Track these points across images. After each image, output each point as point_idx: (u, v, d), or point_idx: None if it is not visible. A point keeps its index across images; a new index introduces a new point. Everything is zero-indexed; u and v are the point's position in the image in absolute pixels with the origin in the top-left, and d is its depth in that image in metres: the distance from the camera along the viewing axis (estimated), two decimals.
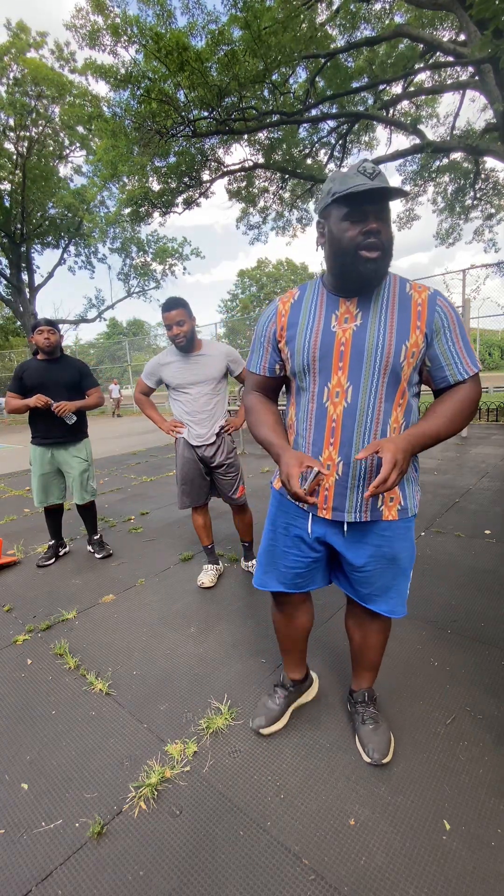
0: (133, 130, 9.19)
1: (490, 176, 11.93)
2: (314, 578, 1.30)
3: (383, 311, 1.04)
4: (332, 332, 1.05)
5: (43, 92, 16.20)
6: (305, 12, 8.66)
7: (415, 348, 1.03)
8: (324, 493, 1.13)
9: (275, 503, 1.29)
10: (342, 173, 0.98)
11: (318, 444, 1.11)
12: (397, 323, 1.03)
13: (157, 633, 2.12)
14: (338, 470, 1.09)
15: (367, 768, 1.33)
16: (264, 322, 1.19)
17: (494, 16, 4.92)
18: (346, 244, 0.99)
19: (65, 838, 1.20)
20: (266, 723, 1.45)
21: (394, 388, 1.05)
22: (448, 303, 1.07)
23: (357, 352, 1.03)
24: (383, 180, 0.96)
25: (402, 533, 1.17)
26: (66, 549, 3.28)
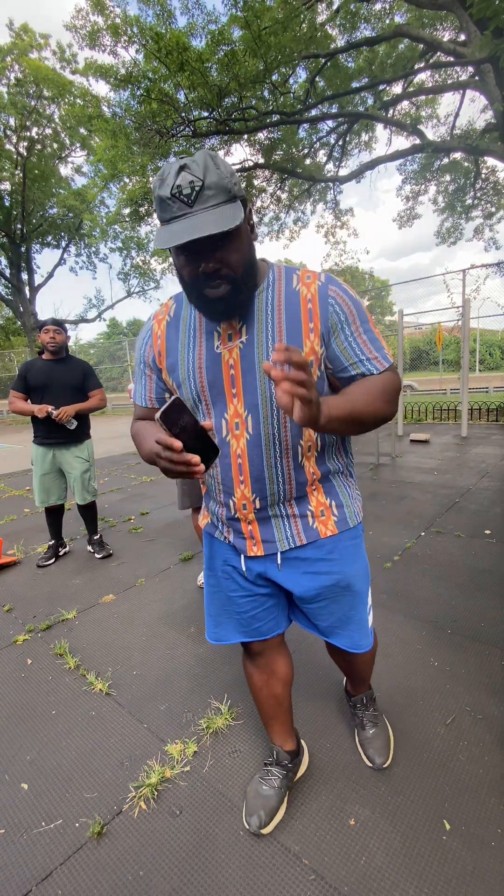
0: (133, 130, 9.19)
1: (490, 175, 11.92)
2: (276, 620, 1.13)
3: (269, 317, 0.88)
4: (217, 353, 0.90)
5: (43, 93, 16.21)
6: (305, 12, 8.66)
7: (311, 356, 0.87)
8: (248, 529, 1.00)
9: (207, 545, 1.14)
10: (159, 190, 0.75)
11: (227, 483, 0.96)
12: (287, 328, 0.87)
13: (157, 633, 2.12)
14: (255, 506, 0.96)
15: (367, 768, 1.33)
16: (140, 347, 1.02)
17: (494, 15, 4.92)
18: (187, 280, 0.83)
19: (65, 838, 1.20)
20: (265, 819, 1.17)
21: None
22: (343, 290, 0.90)
23: (248, 372, 0.88)
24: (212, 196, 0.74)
25: (351, 551, 1.04)
26: (66, 549, 3.29)
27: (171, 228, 0.74)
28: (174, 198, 0.74)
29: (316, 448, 0.95)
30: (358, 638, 1.09)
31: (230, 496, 0.97)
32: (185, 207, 0.74)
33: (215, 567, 1.12)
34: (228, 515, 1.01)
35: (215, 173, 0.74)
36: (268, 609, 1.10)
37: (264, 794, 1.21)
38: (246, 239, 0.83)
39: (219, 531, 1.08)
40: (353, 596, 1.06)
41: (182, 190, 0.73)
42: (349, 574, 1.04)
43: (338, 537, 1.02)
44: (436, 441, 6.52)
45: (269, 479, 0.93)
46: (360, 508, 1.07)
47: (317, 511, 1.00)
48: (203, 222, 0.72)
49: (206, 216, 0.73)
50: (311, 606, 1.07)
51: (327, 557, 1.02)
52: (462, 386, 7.14)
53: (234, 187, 0.77)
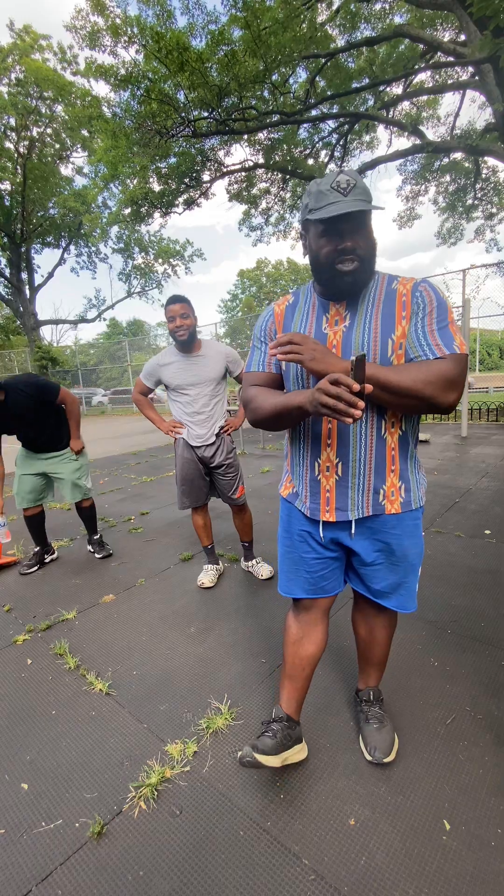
0: (133, 131, 9.19)
1: (491, 176, 11.92)
2: (336, 580, 1.28)
3: (369, 309, 1.05)
4: (324, 333, 1.08)
5: (44, 93, 16.22)
6: (305, 12, 8.66)
7: (402, 339, 1.02)
8: (325, 496, 1.14)
9: (285, 511, 1.29)
10: (318, 187, 0.99)
11: (315, 445, 1.13)
12: (382, 318, 1.04)
13: (157, 633, 2.12)
14: (337, 470, 1.11)
15: (367, 768, 1.33)
16: (262, 322, 1.21)
17: (494, 15, 4.92)
18: (322, 260, 1.02)
19: (65, 838, 1.20)
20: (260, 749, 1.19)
21: None
22: (432, 288, 1.05)
23: (347, 351, 1.05)
24: (360, 193, 0.96)
25: (410, 530, 1.17)
26: (54, 555, 3.18)
27: (328, 209, 0.95)
28: (332, 189, 0.96)
29: (400, 426, 1.09)
30: (405, 601, 1.24)
31: (317, 457, 1.13)
32: (340, 196, 0.96)
33: (292, 531, 1.26)
34: (312, 476, 1.15)
35: (363, 183, 0.99)
36: (333, 570, 1.25)
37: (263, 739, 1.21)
38: (372, 236, 1.03)
39: (300, 499, 1.21)
40: (407, 566, 1.20)
41: (340, 184, 0.96)
42: (407, 548, 1.18)
43: (401, 516, 1.14)
44: (436, 441, 6.52)
45: (353, 446, 1.07)
46: (423, 493, 1.19)
47: (388, 491, 1.12)
48: (356, 205, 0.94)
49: (357, 203, 0.94)
50: (369, 569, 1.21)
51: (391, 531, 1.15)
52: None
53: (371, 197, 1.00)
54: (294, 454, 1.22)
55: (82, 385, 20.61)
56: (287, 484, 1.29)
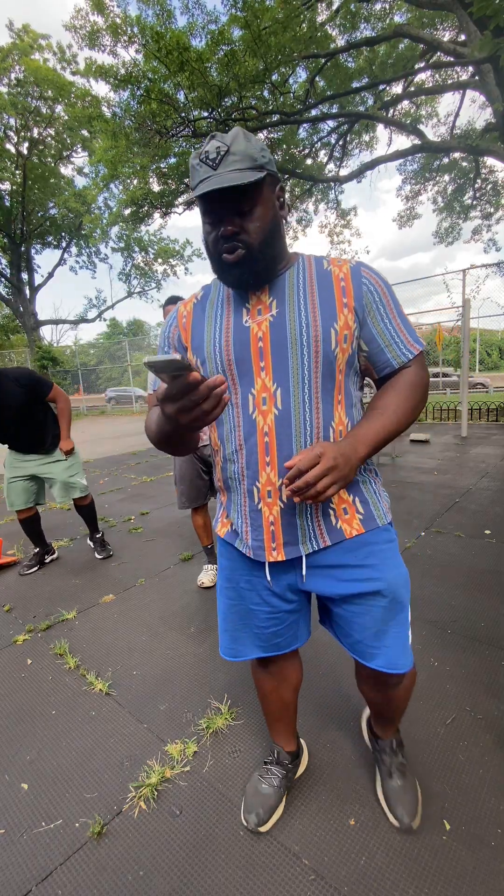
0: (133, 131, 9.19)
1: (490, 175, 11.93)
2: (297, 633, 1.08)
3: (301, 293, 0.87)
4: (246, 327, 0.88)
5: (44, 93, 16.23)
6: (305, 12, 8.66)
7: (346, 330, 0.86)
8: (269, 529, 0.92)
9: (225, 556, 1.07)
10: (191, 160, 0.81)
11: (252, 466, 0.90)
12: (320, 303, 0.86)
13: (157, 633, 2.12)
14: (281, 496, 0.89)
15: (366, 768, 1.33)
16: (165, 329, 1.01)
17: (494, 14, 4.91)
18: (209, 247, 0.86)
19: (65, 838, 1.20)
20: (264, 817, 1.17)
21: (330, 381, 0.87)
22: (375, 272, 0.91)
23: (279, 345, 0.86)
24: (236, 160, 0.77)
25: (385, 552, 0.95)
26: (55, 555, 3.17)
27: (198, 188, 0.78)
28: (201, 162, 0.78)
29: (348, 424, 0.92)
30: (395, 655, 0.96)
31: (255, 481, 0.91)
32: (209, 170, 0.78)
33: (236, 578, 1.04)
34: (252, 507, 0.93)
35: (243, 143, 0.78)
36: (290, 624, 1.05)
37: (263, 792, 1.21)
38: (269, 211, 0.83)
39: (240, 539, 0.99)
40: (391, 606, 0.95)
41: (209, 154, 0.78)
42: (389, 580, 0.94)
43: (369, 538, 0.94)
44: (436, 441, 6.52)
45: None
46: (387, 508, 0.99)
47: (339, 508, 0.92)
48: (222, 180, 0.76)
49: (227, 175, 0.76)
50: (342, 611, 0.98)
51: (363, 563, 0.93)
52: (462, 386, 7.14)
53: (261, 159, 0.79)
54: (226, 481, 0.98)
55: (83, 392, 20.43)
56: (223, 520, 1.05)
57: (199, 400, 0.64)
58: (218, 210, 0.80)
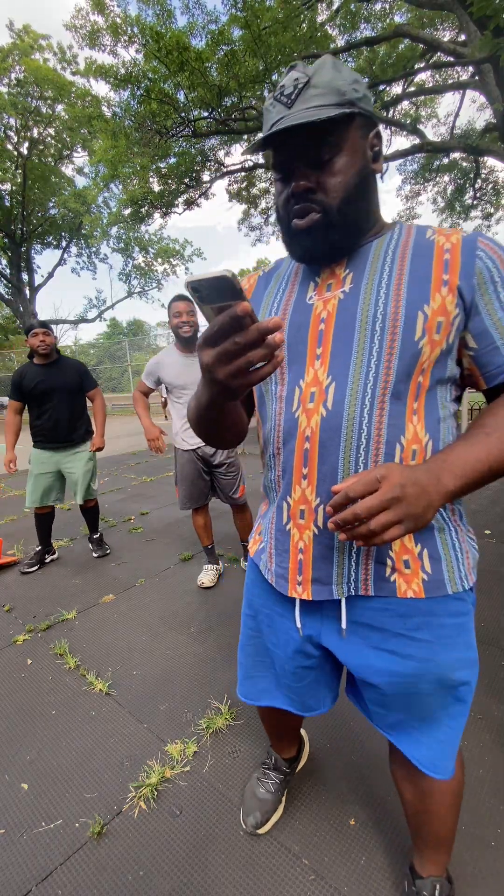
0: (133, 130, 9.19)
1: (490, 175, 11.93)
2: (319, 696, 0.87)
3: (387, 265, 0.67)
4: (308, 304, 0.71)
5: (44, 93, 16.24)
6: (305, 12, 8.66)
7: (441, 316, 0.63)
8: (297, 558, 0.73)
9: (250, 573, 0.91)
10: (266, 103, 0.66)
11: (287, 477, 0.72)
12: (409, 278, 0.65)
13: (157, 633, 2.12)
14: (316, 519, 0.70)
15: (366, 768, 1.33)
16: None
17: (494, 14, 4.92)
18: (279, 211, 0.70)
19: (65, 838, 1.20)
20: (261, 819, 1.15)
21: (406, 381, 0.64)
22: (497, 244, 0.67)
23: (344, 329, 0.67)
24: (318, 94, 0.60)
25: (447, 628, 0.71)
26: (55, 555, 3.19)
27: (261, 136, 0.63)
28: (275, 101, 0.63)
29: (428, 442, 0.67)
30: (437, 755, 0.75)
31: (286, 495, 0.73)
32: (283, 110, 0.61)
33: (256, 606, 0.87)
34: (279, 526, 0.75)
35: (329, 73, 0.61)
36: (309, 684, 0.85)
37: (261, 796, 1.20)
38: (357, 163, 0.64)
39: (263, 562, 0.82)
40: (443, 697, 0.73)
41: (284, 90, 0.62)
42: (442, 664, 0.71)
43: (429, 607, 0.70)
44: None
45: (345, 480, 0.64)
46: (470, 568, 0.73)
47: (398, 558, 0.69)
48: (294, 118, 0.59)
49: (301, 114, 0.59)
50: (376, 696, 0.76)
51: (412, 635, 0.70)
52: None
53: (352, 93, 0.62)
54: (265, 489, 0.83)
55: None
56: (255, 536, 0.88)
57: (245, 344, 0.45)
58: (288, 161, 0.64)
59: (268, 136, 0.60)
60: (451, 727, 0.75)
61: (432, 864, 0.93)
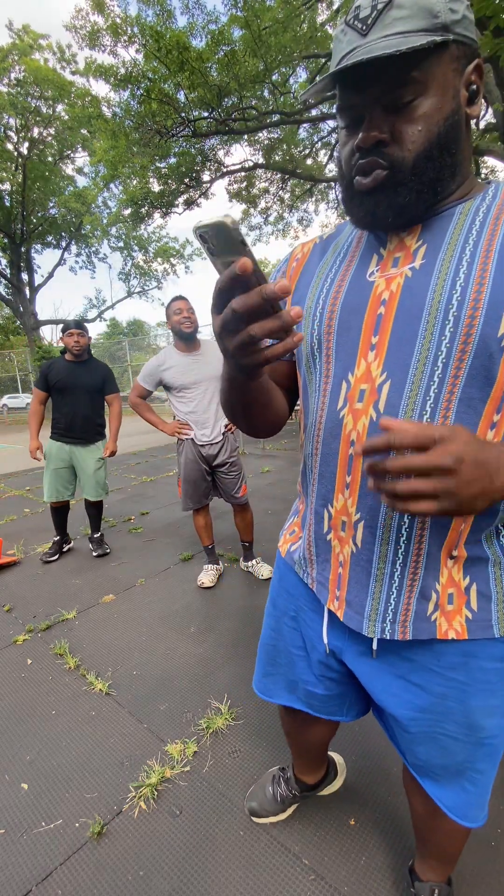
0: (133, 130, 9.20)
1: (490, 175, 11.94)
2: (344, 706, 0.81)
3: (471, 236, 0.54)
4: (369, 282, 0.59)
5: (44, 93, 16.25)
6: (306, 12, 8.66)
7: None
8: (337, 571, 0.66)
9: (277, 572, 0.85)
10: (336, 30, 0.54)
11: (326, 482, 0.64)
12: (499, 256, 0.52)
13: (157, 633, 2.12)
14: (355, 535, 0.62)
15: (366, 768, 1.33)
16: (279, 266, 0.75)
17: (494, 14, 4.92)
18: (341, 167, 0.58)
19: (65, 838, 1.20)
20: (258, 810, 1.18)
21: (480, 386, 0.53)
22: None
23: (408, 315, 0.55)
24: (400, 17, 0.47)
25: (488, 674, 0.63)
26: (71, 544, 3.33)
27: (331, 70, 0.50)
28: (348, 27, 0.50)
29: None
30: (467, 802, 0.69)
31: (327, 503, 0.65)
32: (357, 39, 0.49)
33: (283, 605, 0.81)
34: (319, 533, 0.68)
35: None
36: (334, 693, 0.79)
37: (268, 793, 1.20)
38: (447, 105, 0.51)
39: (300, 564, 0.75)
40: (472, 743, 0.66)
41: (359, 12, 0.49)
42: (475, 714, 0.64)
43: (470, 649, 0.62)
44: None
45: None
46: None
47: (444, 592, 0.60)
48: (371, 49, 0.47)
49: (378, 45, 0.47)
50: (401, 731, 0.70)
51: (445, 674, 0.63)
52: None
53: (448, 14, 0.48)
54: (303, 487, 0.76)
55: None
56: (287, 534, 0.82)
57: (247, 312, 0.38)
58: (359, 104, 0.51)
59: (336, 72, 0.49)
60: (480, 775, 0.68)
61: (433, 872, 0.91)
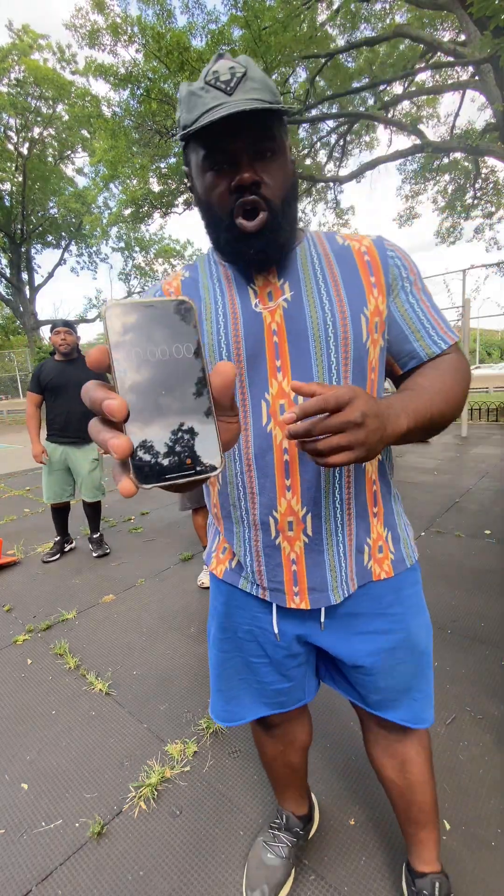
0: (133, 130, 9.20)
1: (490, 175, 11.93)
2: (305, 687, 0.90)
3: (318, 271, 0.70)
4: (257, 313, 0.68)
5: (44, 93, 16.25)
6: (305, 12, 8.66)
7: (377, 316, 0.70)
8: (290, 569, 0.74)
9: (220, 596, 0.86)
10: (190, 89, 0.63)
11: (267, 492, 0.71)
12: (344, 285, 0.69)
13: (157, 633, 2.12)
14: (306, 528, 0.71)
15: (366, 767, 1.33)
16: None
17: (494, 14, 4.92)
18: (215, 210, 0.65)
19: (65, 838, 1.20)
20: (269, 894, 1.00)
21: (362, 376, 0.70)
22: (400, 247, 0.74)
23: (297, 339, 0.67)
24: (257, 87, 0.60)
25: (411, 598, 0.80)
26: (72, 544, 3.35)
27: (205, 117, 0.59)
28: (209, 86, 0.60)
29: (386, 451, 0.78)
30: (420, 709, 0.84)
31: (271, 509, 0.71)
32: (222, 96, 0.59)
33: (234, 625, 0.84)
34: (267, 542, 0.74)
35: (259, 71, 0.63)
36: (297, 680, 0.87)
37: (269, 863, 1.04)
38: (289, 164, 0.66)
39: (245, 577, 0.80)
40: (417, 659, 0.82)
41: (219, 76, 0.60)
42: (413, 631, 0.80)
43: (396, 583, 0.78)
44: (436, 441, 6.51)
45: (327, 484, 0.70)
46: (413, 542, 0.83)
47: (374, 545, 0.76)
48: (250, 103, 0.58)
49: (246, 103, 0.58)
50: (362, 677, 0.81)
51: (387, 612, 0.78)
52: None
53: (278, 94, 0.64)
54: (228, 507, 0.77)
55: None
56: (219, 554, 0.85)
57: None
58: (232, 149, 0.60)
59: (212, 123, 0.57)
60: (421, 688, 0.84)
61: (427, 852, 0.96)
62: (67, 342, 2.89)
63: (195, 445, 0.30)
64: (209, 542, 0.90)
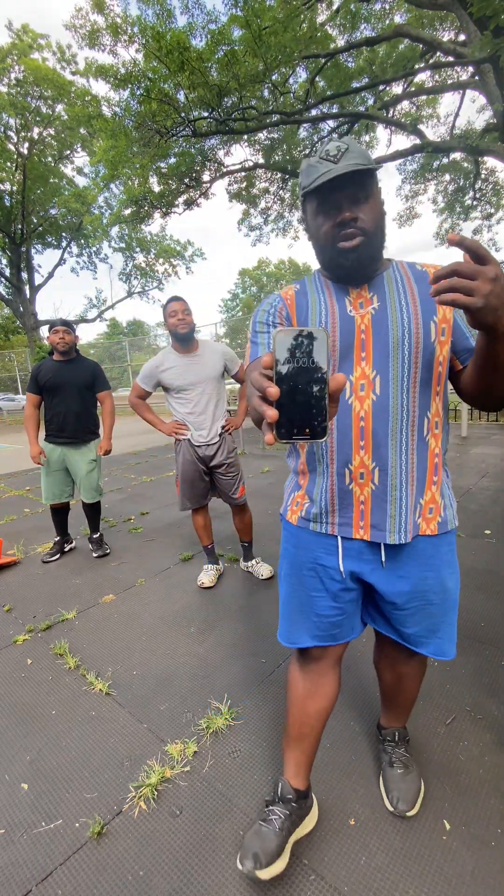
0: (133, 130, 9.19)
1: (490, 176, 11.93)
2: (353, 625, 1.07)
3: (400, 288, 0.92)
4: (350, 316, 0.92)
5: (44, 93, 16.24)
6: (305, 12, 8.66)
7: (444, 323, 0.91)
8: (359, 508, 0.95)
9: (292, 539, 1.07)
10: (308, 162, 0.89)
11: (344, 449, 0.93)
12: (420, 298, 0.91)
13: (157, 633, 2.12)
14: (373, 478, 0.92)
15: (366, 768, 1.33)
16: (270, 307, 1.01)
17: (494, 14, 4.92)
18: (323, 240, 0.91)
19: (65, 838, 1.20)
20: (263, 860, 1.01)
21: (429, 373, 0.91)
22: None
23: (381, 338, 0.90)
24: (355, 156, 0.85)
25: (448, 558, 1.00)
26: (72, 544, 3.34)
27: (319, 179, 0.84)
28: (321, 160, 0.86)
29: (442, 426, 0.97)
30: (444, 645, 1.04)
31: (347, 463, 0.93)
32: (330, 164, 0.84)
33: (300, 563, 1.04)
34: (342, 487, 0.95)
35: (358, 146, 0.88)
36: (349, 614, 1.04)
37: (263, 833, 1.06)
38: (379, 206, 0.90)
39: (320, 517, 1.00)
40: (446, 603, 1.01)
41: (329, 152, 0.86)
42: (446, 581, 1.00)
43: (437, 541, 0.98)
44: None
45: (393, 448, 0.90)
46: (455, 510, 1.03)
47: (426, 507, 0.96)
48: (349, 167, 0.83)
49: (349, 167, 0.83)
50: (400, 613, 1.01)
51: (428, 561, 0.97)
52: None
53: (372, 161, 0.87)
54: (312, 463, 1.00)
55: None
56: (293, 506, 1.06)
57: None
58: (337, 198, 0.86)
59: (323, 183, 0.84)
60: (447, 628, 1.03)
61: (396, 720, 1.30)
62: (66, 341, 2.87)
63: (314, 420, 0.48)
64: (285, 498, 1.11)
